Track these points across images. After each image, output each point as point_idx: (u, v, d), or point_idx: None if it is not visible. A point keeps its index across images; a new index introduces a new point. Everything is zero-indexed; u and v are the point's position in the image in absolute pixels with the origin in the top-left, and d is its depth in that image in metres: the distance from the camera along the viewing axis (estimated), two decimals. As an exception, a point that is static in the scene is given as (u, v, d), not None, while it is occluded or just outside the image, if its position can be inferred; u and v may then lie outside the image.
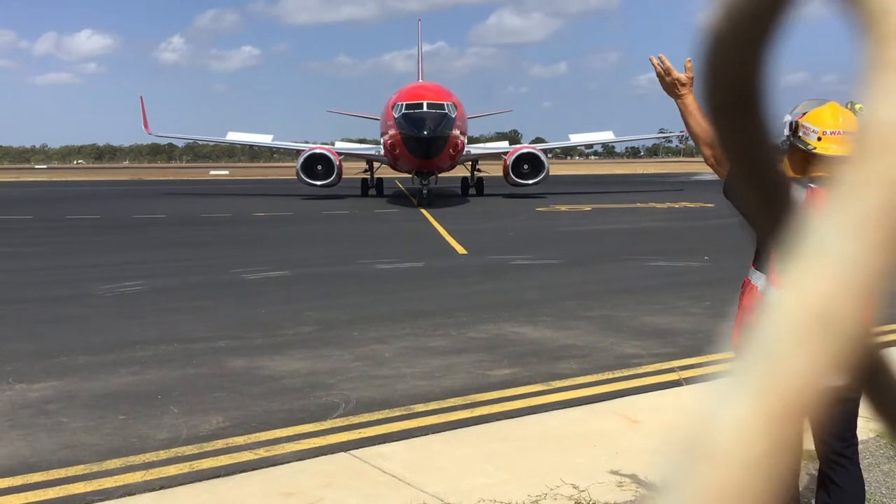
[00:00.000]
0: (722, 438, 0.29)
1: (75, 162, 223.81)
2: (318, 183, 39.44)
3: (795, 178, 3.56)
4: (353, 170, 45.68)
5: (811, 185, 3.55)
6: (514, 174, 40.68)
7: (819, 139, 3.48)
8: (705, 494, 0.28)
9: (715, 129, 0.39)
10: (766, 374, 0.29)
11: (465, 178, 45.22)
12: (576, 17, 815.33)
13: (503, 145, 53.75)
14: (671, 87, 3.94)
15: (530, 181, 40.56)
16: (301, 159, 40.19)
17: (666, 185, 54.15)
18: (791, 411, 0.29)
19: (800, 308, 0.29)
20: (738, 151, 0.39)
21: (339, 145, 50.09)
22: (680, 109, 3.97)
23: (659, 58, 3.96)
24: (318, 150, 41.11)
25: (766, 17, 0.34)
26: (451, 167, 40.12)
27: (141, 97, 48.63)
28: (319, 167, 39.59)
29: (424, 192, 34.82)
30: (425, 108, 35.43)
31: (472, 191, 43.86)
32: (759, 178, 0.40)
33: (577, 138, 53.69)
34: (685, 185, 50.04)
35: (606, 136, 52.65)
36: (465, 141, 41.05)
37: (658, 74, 3.96)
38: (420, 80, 48.26)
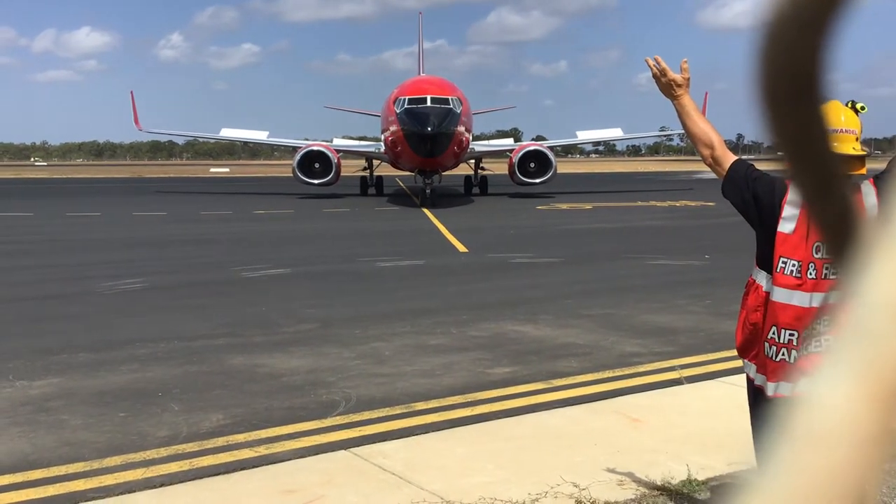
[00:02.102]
0: (827, 421, 0.29)
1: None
2: (316, 181, 38.12)
3: None
4: (352, 168, 45.04)
5: None
6: (520, 173, 39.14)
7: (829, 135, 3.47)
8: (812, 475, 0.28)
9: (770, 118, 0.39)
10: (867, 357, 0.29)
11: (468, 177, 43.46)
12: (575, 15, 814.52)
13: (508, 143, 52.12)
14: (667, 87, 3.94)
15: (537, 180, 39.09)
16: (297, 157, 38.82)
17: (674, 183, 53.85)
18: (893, 391, 0.29)
19: (894, 291, 0.29)
20: (795, 140, 0.39)
21: (338, 142, 48.30)
22: (677, 110, 3.97)
23: (655, 59, 3.97)
24: (315, 148, 39.50)
25: (826, 7, 0.34)
26: (455, 165, 38.66)
27: (131, 93, 46.80)
28: (317, 165, 38.23)
29: (427, 191, 33.46)
30: (429, 103, 33.69)
31: (475, 190, 42.35)
32: (815, 167, 0.40)
33: (584, 135, 51.27)
34: (693, 185, 49.19)
35: (615, 133, 50.98)
36: (470, 138, 39.36)
37: (654, 76, 3.97)
38: (422, 74, 46.61)
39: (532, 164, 39.45)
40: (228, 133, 48.49)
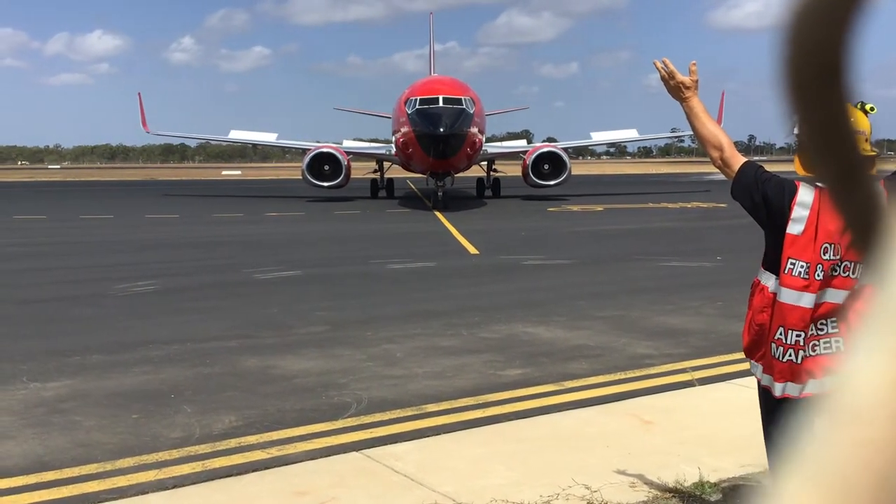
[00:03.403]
0: (863, 397, 0.29)
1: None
2: (325, 184, 37.49)
3: (805, 176, 3.56)
4: (362, 170, 44.62)
5: (818, 184, 3.55)
6: (533, 175, 38.31)
7: (853, 127, 3.46)
8: (852, 450, 0.29)
9: (796, 107, 0.39)
10: None
11: (480, 179, 42.59)
12: (585, 17, 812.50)
13: (521, 144, 51.08)
14: (676, 90, 3.94)
15: (551, 182, 38.25)
16: (307, 159, 38.11)
17: (687, 185, 53.42)
18: None
19: None
20: (820, 129, 0.39)
21: (348, 144, 47.50)
22: (686, 112, 3.97)
23: (663, 61, 3.98)
24: (324, 149, 38.75)
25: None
26: (468, 167, 37.72)
27: (139, 94, 46.05)
28: (326, 167, 37.51)
29: (439, 194, 32.64)
30: (441, 104, 32.64)
31: (488, 192, 41.48)
32: (841, 155, 0.40)
33: (599, 136, 49.79)
34: (710, 186, 48.22)
35: (630, 133, 49.51)
36: (483, 139, 38.21)
37: (662, 78, 3.97)
38: (433, 74, 45.56)
39: (546, 166, 38.61)
40: (237, 135, 47.72)
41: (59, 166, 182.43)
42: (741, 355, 3.99)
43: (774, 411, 3.72)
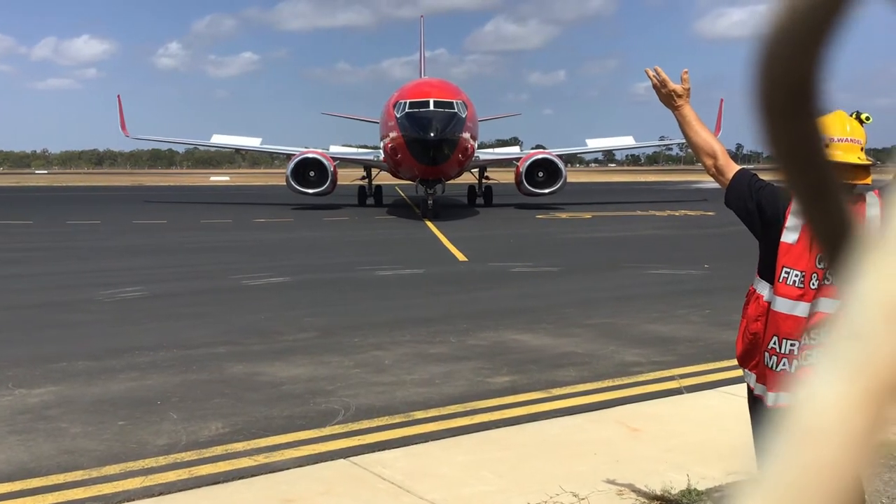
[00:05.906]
0: (820, 416, 0.29)
1: None
2: (311, 191, 36.21)
3: None
4: (349, 177, 43.41)
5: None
6: (527, 182, 37.15)
7: (826, 146, 3.48)
8: (805, 470, 0.29)
9: (766, 130, 0.39)
10: (860, 355, 0.30)
11: (472, 186, 41.35)
12: (572, 24, 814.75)
13: (515, 151, 50.07)
14: (668, 98, 3.95)
15: (546, 190, 37.11)
16: (291, 164, 36.67)
17: (678, 193, 53.42)
18: (885, 390, 0.29)
19: (889, 292, 0.30)
20: (791, 151, 0.40)
21: (334, 149, 45.49)
22: (678, 120, 3.98)
23: (654, 69, 3.98)
24: (310, 155, 37.35)
25: (823, 20, 0.35)
26: (459, 174, 36.31)
27: (118, 97, 44.27)
28: (312, 173, 36.25)
29: (429, 201, 31.11)
30: (432, 107, 31.27)
31: (479, 200, 40.35)
32: (811, 177, 0.40)
33: (594, 143, 48.18)
34: (707, 195, 47.21)
35: (626, 141, 48.58)
36: (476, 145, 36.86)
37: (654, 86, 3.97)
38: (424, 77, 43.87)
39: (540, 174, 37.50)
40: (220, 139, 46.49)
41: (46, 171, 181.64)
42: (729, 363, 4.00)
43: (765, 420, 3.73)
